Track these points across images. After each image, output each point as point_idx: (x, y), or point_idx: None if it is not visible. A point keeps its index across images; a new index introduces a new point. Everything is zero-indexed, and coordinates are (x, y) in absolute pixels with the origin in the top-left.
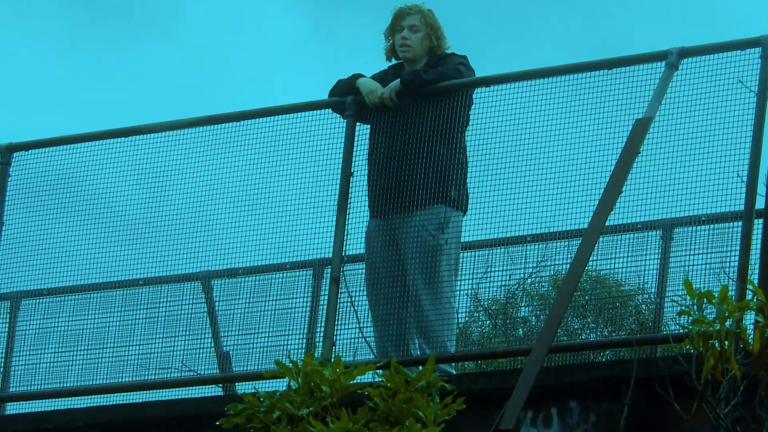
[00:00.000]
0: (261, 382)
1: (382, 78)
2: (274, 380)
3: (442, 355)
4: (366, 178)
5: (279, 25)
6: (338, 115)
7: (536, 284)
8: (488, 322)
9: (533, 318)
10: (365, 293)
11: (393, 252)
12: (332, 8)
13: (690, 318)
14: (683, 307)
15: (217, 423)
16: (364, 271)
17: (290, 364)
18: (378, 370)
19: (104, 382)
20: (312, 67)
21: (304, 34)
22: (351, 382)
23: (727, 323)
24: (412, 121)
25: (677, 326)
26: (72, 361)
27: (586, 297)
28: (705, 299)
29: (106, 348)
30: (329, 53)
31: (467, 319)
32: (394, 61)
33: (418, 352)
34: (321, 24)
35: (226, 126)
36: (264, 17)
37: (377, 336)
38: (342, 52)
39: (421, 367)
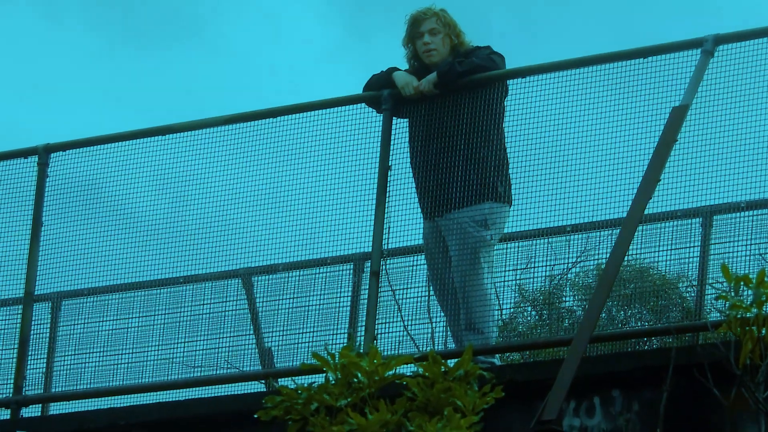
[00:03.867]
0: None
1: (413, 74)
2: (314, 375)
3: (483, 347)
4: (412, 178)
5: (314, 32)
6: (373, 110)
7: (581, 275)
8: (534, 313)
9: (579, 309)
10: (407, 286)
11: (445, 251)
12: (365, 15)
13: (728, 303)
14: (721, 293)
15: (255, 416)
16: (404, 265)
17: (328, 357)
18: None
19: (147, 381)
20: (347, 73)
21: (339, 41)
22: (389, 373)
23: (766, 307)
24: (452, 118)
25: (718, 313)
26: (116, 360)
27: (630, 287)
28: (742, 283)
29: (148, 348)
30: (363, 59)
31: (512, 310)
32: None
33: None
34: (354, 31)
35: (263, 122)
36: (300, 25)
37: (453, 331)
38: (376, 57)
39: None
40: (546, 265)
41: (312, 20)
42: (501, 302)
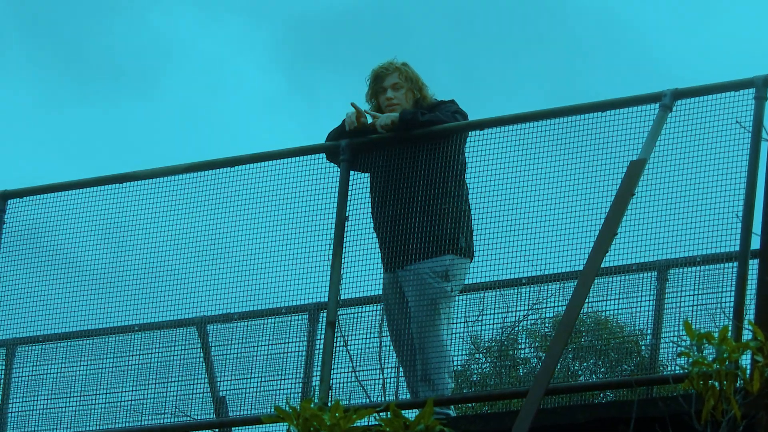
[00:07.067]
0: (257, 426)
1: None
2: (269, 425)
3: (439, 398)
4: (372, 229)
5: (258, 83)
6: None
7: (539, 324)
8: (487, 364)
9: (534, 359)
10: (360, 337)
11: (403, 303)
12: (308, 67)
13: (690, 359)
14: (683, 348)
15: None
16: (356, 315)
17: (289, 409)
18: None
19: (98, 427)
20: (290, 123)
21: (282, 92)
22: (350, 426)
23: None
24: (413, 171)
25: (675, 366)
26: (66, 406)
27: (586, 339)
28: (705, 340)
29: (101, 393)
30: (306, 110)
31: (467, 360)
32: None
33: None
34: (297, 82)
35: (221, 171)
36: (244, 76)
37: (408, 381)
38: (318, 109)
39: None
40: (497, 314)
41: (256, 71)
42: (452, 352)
